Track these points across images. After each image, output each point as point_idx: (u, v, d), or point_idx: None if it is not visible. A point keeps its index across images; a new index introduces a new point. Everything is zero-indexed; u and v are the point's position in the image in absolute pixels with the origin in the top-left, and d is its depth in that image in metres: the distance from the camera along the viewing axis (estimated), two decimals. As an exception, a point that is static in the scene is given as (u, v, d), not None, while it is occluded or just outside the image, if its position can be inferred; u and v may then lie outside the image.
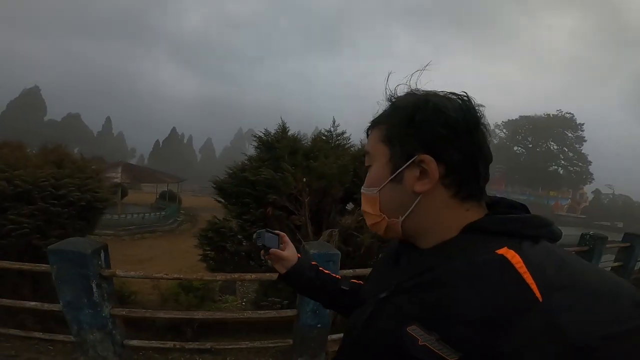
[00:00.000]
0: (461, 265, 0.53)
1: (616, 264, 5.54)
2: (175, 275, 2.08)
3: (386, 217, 0.61)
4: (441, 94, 0.58)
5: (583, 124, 45.99)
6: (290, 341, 2.40)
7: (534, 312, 0.45)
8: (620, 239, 6.18)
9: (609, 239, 5.45)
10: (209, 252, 4.18)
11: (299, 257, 0.98)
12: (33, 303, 2.35)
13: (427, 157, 0.54)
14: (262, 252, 0.95)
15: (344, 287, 0.93)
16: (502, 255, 0.50)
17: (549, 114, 47.38)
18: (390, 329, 0.57)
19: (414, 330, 0.53)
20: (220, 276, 2.20)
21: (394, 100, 0.61)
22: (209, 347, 2.58)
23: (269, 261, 0.95)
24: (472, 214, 0.57)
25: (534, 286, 0.46)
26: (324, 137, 4.54)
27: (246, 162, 4.05)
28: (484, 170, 0.57)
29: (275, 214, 3.54)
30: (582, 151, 46.53)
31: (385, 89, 0.62)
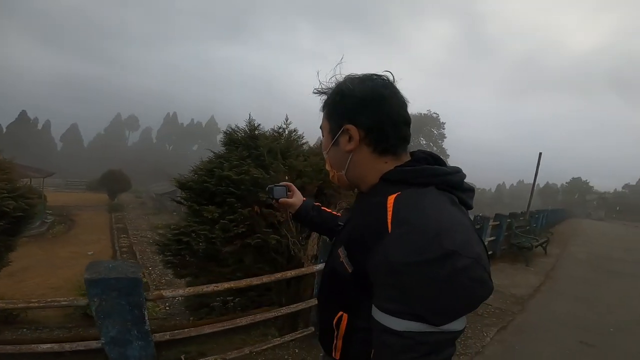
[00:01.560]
0: (364, 204, 0.80)
1: (491, 238, 7.46)
2: (227, 286, 2.08)
3: (336, 172, 0.85)
4: (357, 76, 0.79)
5: (444, 123, 56.04)
6: (312, 329, 2.65)
7: (384, 240, 0.64)
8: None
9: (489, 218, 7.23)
10: (170, 258, 3.95)
11: (304, 201, 1.26)
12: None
13: (350, 126, 0.76)
14: (274, 202, 1.21)
15: (341, 223, 1.07)
16: (384, 198, 0.70)
17: (421, 113, 55.95)
18: (334, 251, 0.87)
19: (340, 250, 0.79)
20: (265, 278, 2.29)
21: (339, 83, 0.83)
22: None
23: (280, 209, 1.23)
24: (389, 165, 0.77)
25: (389, 221, 0.66)
26: (276, 134, 4.73)
27: (219, 160, 3.94)
28: (394, 131, 0.76)
29: (262, 212, 3.63)
30: (443, 146, 56.70)
31: (320, 82, 0.84)
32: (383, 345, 0.64)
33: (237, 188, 3.57)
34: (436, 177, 0.72)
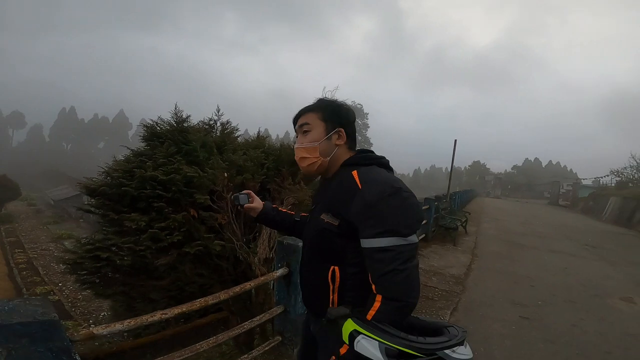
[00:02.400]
0: (337, 179, 1.15)
1: (423, 222, 7.94)
2: (177, 311, 1.64)
3: (321, 158, 1.17)
4: (343, 102, 1.24)
5: (368, 114, 58.98)
6: (279, 338, 2.37)
7: (358, 193, 1.04)
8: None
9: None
10: (87, 277, 3.23)
11: (264, 204, 1.45)
12: None
13: (341, 129, 1.18)
14: (239, 207, 1.42)
15: (297, 219, 1.46)
16: (351, 172, 1.09)
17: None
18: (315, 221, 1.17)
19: (322, 215, 1.12)
20: (223, 294, 1.89)
21: (322, 99, 1.24)
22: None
23: (248, 212, 1.43)
24: (350, 155, 1.19)
25: (358, 183, 1.05)
26: (206, 127, 4.22)
27: (139, 158, 3.29)
28: (355, 138, 1.24)
29: (201, 216, 3.14)
30: (367, 135, 59.75)
31: (328, 92, 1.38)
32: (377, 262, 0.98)
33: (167, 190, 3.02)
34: (375, 159, 1.17)
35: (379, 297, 0.97)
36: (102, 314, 7.51)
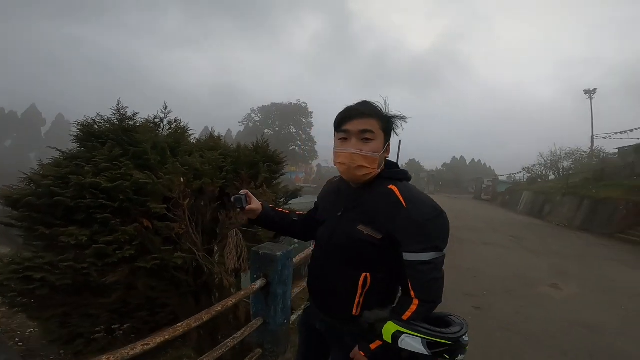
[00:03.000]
0: (376, 192, 1.19)
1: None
2: (160, 340, 1.39)
3: (377, 170, 1.19)
4: (394, 113, 1.23)
5: (312, 112, 59.36)
6: (260, 351, 2.20)
7: (403, 211, 1.12)
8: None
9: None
10: (18, 300, 2.69)
11: (262, 204, 1.40)
12: None
13: (389, 143, 1.23)
14: (239, 210, 1.34)
15: (294, 219, 1.47)
16: (390, 188, 1.16)
17: (291, 102, 57.65)
18: (349, 230, 1.19)
19: (360, 227, 1.17)
20: (205, 315, 1.65)
21: (374, 105, 1.20)
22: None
23: (247, 214, 1.37)
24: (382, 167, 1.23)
25: (402, 200, 1.13)
26: (151, 126, 3.81)
27: (74, 162, 2.80)
28: None
29: (155, 226, 2.79)
30: (311, 134, 60.22)
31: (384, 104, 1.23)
32: (420, 272, 1.11)
33: (113, 199, 2.63)
34: (406, 174, 1.24)
35: (416, 301, 1.11)
36: (29, 330, 6.40)
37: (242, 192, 1.37)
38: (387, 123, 1.19)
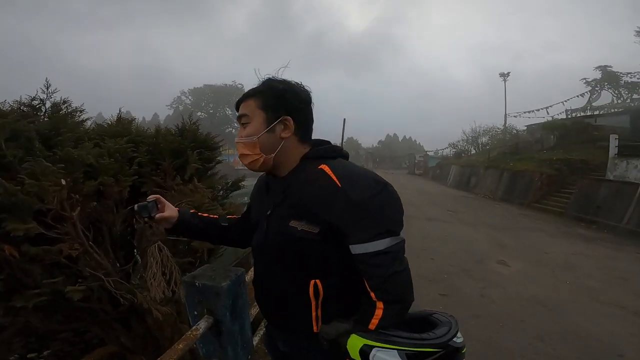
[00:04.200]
0: (304, 177, 0.98)
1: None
2: None
3: (264, 155, 1.00)
4: (292, 81, 1.04)
5: (249, 94, 56.84)
6: None
7: (338, 192, 0.90)
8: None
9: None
10: None
11: (178, 211, 1.21)
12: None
13: (288, 118, 0.99)
14: (147, 221, 1.15)
15: (224, 224, 1.26)
16: (321, 168, 0.95)
17: (226, 84, 54.30)
18: (281, 228, 0.99)
19: (292, 223, 0.96)
20: None
21: (268, 79, 1.03)
22: None
23: (159, 223, 1.19)
24: (305, 149, 1.04)
25: (335, 180, 0.91)
26: (25, 111, 2.67)
27: None
28: (311, 127, 1.06)
29: (25, 252, 1.83)
30: (248, 115, 57.65)
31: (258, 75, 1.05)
32: (375, 267, 0.90)
33: None
34: (337, 152, 1.06)
35: (380, 304, 0.91)
36: None
37: (151, 197, 1.19)
38: (266, 98, 1.01)
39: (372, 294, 0.91)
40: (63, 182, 2.06)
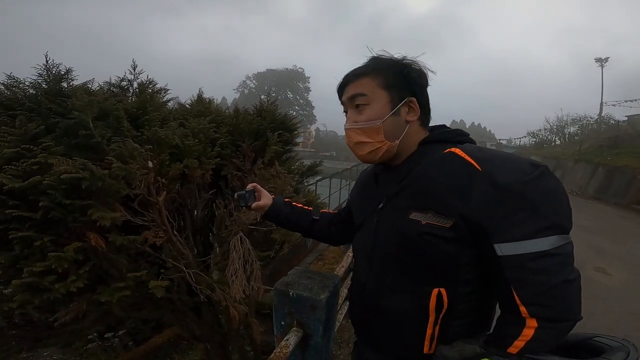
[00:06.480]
0: (427, 163, 0.81)
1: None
2: None
3: (387, 142, 0.85)
4: (412, 58, 0.88)
5: (309, 77, 57.33)
6: None
7: (479, 176, 0.71)
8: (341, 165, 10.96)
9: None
10: None
11: (273, 198, 1.18)
12: None
13: (413, 99, 0.86)
14: (244, 209, 1.29)
15: (315, 217, 1.20)
16: (450, 151, 0.78)
17: (287, 68, 55.52)
18: (399, 223, 0.81)
19: (414, 215, 0.78)
20: None
21: (378, 57, 0.88)
22: None
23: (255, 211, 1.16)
24: (425, 133, 0.89)
25: (474, 162, 0.73)
26: (114, 91, 2.59)
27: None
28: (429, 109, 0.91)
29: (115, 243, 1.75)
30: (309, 98, 58.30)
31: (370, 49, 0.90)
32: (535, 274, 0.66)
33: (32, 207, 1.57)
34: (465, 136, 0.88)
35: (532, 322, 0.68)
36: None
37: (250, 186, 1.16)
38: (388, 75, 0.84)
39: (523, 309, 0.68)
40: (150, 164, 1.92)
